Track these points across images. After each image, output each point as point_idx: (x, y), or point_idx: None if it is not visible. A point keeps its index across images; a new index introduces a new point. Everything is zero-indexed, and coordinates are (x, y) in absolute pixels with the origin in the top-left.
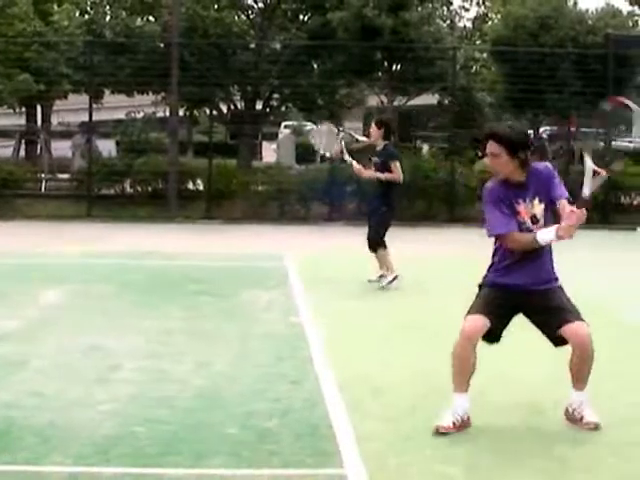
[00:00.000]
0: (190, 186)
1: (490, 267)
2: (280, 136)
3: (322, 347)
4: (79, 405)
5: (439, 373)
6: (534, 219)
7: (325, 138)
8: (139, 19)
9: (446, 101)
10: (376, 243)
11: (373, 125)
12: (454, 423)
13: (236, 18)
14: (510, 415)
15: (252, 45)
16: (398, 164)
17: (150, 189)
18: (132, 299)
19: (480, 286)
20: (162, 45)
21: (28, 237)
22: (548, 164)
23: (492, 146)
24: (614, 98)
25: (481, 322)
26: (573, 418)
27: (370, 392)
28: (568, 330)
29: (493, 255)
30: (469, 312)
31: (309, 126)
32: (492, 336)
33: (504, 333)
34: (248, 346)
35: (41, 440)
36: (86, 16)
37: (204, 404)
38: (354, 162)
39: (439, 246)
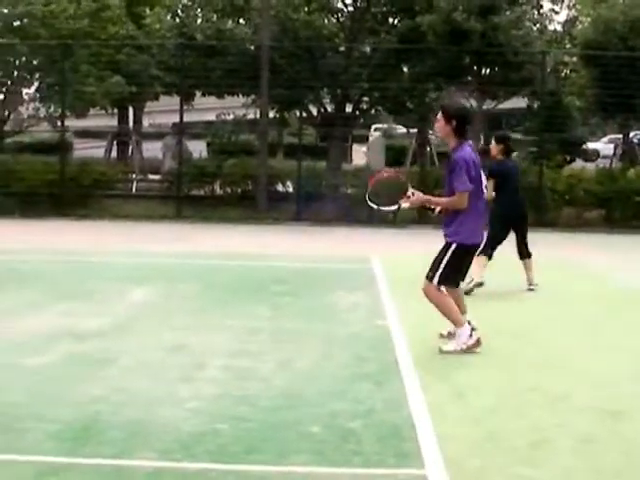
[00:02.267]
0: (279, 188)
1: None
2: (370, 139)
3: (406, 349)
4: (164, 402)
5: (522, 375)
6: None
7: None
8: (230, 22)
9: (535, 105)
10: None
11: (493, 141)
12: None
13: (326, 21)
14: (592, 418)
15: (342, 48)
16: (491, 182)
17: (239, 190)
18: (218, 299)
19: None
20: (252, 48)
21: (117, 236)
22: (465, 154)
23: (439, 114)
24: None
25: None
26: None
27: (453, 394)
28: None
29: None
30: None
31: (399, 129)
32: None
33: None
34: (332, 347)
35: (127, 435)
36: (177, 19)
37: (287, 403)
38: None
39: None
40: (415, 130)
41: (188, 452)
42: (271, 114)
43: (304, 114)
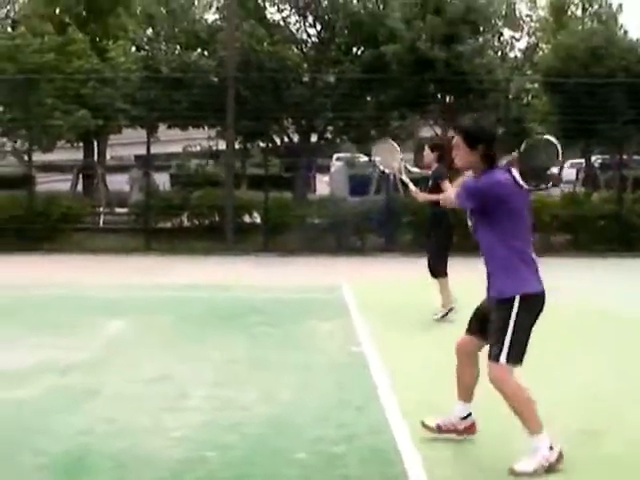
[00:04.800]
0: (246, 219)
1: None
2: (332, 168)
3: (384, 375)
4: (151, 432)
5: (499, 399)
6: None
7: (385, 154)
8: (194, 54)
9: (500, 132)
10: (437, 269)
11: (427, 149)
12: (439, 425)
13: (290, 52)
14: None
15: (306, 78)
16: (447, 182)
17: (207, 222)
18: (193, 330)
19: None
20: (217, 79)
21: (88, 270)
22: (481, 178)
23: (455, 138)
24: None
25: (466, 339)
26: None
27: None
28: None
29: None
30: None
31: (362, 158)
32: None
33: None
34: (311, 375)
35: (117, 465)
36: (142, 52)
37: (272, 430)
38: (411, 184)
39: None
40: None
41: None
42: (236, 145)
43: (269, 145)
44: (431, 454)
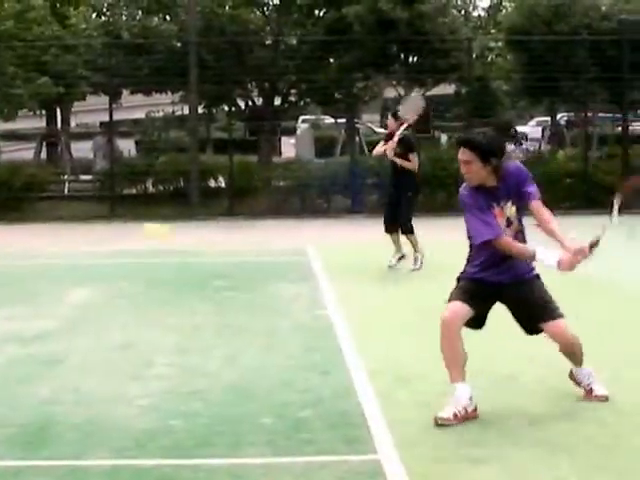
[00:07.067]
0: (211, 183)
1: (467, 261)
2: (298, 131)
3: (350, 337)
4: (115, 401)
5: (469, 358)
6: (508, 221)
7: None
8: (155, 19)
9: (463, 91)
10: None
11: (390, 117)
12: (455, 415)
13: (252, 15)
14: (539, 398)
15: (268, 41)
16: (415, 156)
17: (172, 188)
18: (158, 297)
19: (458, 279)
20: (179, 44)
21: (53, 238)
22: (519, 164)
23: (465, 153)
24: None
25: (460, 308)
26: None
27: (399, 380)
28: (547, 328)
29: (470, 249)
30: (449, 300)
31: (327, 120)
32: (475, 322)
33: None
34: (276, 339)
35: (81, 435)
36: (103, 18)
37: (236, 396)
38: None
39: (459, 233)
40: (343, 120)
41: (142, 449)
42: (199, 110)
43: (232, 108)
44: (396, 417)
